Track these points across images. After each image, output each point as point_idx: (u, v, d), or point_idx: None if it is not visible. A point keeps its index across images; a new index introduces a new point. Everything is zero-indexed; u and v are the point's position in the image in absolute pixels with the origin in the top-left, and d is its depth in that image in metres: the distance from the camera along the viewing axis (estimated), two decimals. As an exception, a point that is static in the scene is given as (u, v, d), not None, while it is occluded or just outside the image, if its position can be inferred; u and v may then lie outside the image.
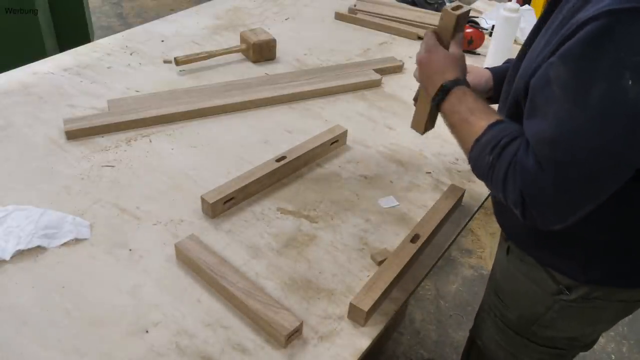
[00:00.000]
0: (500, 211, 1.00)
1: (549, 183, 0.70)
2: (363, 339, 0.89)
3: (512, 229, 0.99)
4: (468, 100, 0.86)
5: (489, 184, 0.81)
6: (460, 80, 0.89)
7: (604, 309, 0.95)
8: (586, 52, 0.65)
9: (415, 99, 1.09)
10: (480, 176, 0.83)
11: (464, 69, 0.93)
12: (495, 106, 0.94)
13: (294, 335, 0.87)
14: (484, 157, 0.79)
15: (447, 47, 0.95)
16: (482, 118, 0.82)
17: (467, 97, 0.86)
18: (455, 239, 1.13)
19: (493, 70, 1.14)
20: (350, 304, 0.90)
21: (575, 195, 0.71)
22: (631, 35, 0.62)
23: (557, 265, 0.92)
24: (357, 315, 0.90)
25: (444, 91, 0.89)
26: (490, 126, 0.80)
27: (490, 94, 1.13)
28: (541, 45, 0.78)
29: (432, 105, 0.93)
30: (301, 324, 0.87)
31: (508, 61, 1.17)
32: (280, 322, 0.86)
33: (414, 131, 1.08)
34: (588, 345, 1.07)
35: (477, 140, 0.80)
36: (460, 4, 0.97)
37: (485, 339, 1.16)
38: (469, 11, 0.96)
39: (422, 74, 0.95)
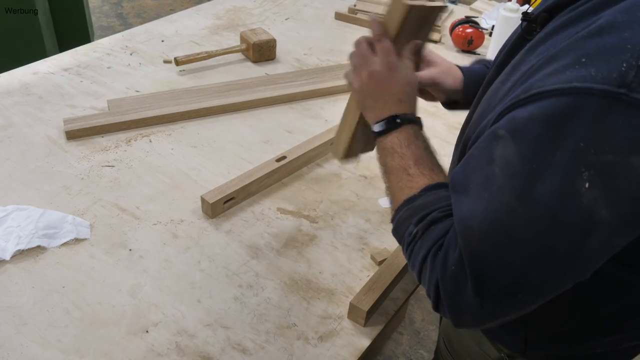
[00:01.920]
0: None
1: (471, 286, 0.57)
2: (363, 339, 0.89)
3: None
4: (418, 146, 0.72)
5: (405, 255, 0.68)
6: (416, 119, 0.75)
7: None
8: (542, 134, 0.51)
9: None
10: (399, 242, 0.70)
11: (416, 100, 0.79)
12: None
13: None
14: (408, 225, 0.66)
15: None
16: (424, 174, 0.69)
17: (418, 141, 0.72)
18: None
19: (465, 70, 0.98)
20: (350, 303, 0.90)
21: (498, 304, 0.58)
22: (600, 126, 0.48)
23: (497, 334, 0.83)
24: (357, 315, 0.90)
25: (393, 124, 0.74)
26: (428, 189, 0.67)
27: (458, 97, 0.97)
28: (501, 94, 0.63)
29: (367, 132, 0.78)
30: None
31: (480, 62, 1.02)
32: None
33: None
34: None
35: (409, 200, 0.67)
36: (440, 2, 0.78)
37: None
38: (436, 9, 0.75)
39: (370, 89, 0.78)
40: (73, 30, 2.68)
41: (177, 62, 1.58)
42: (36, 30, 2.39)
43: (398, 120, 0.74)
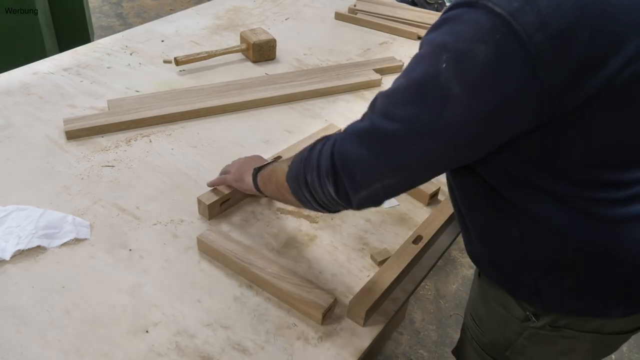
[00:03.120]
0: (468, 240, 0.93)
1: (360, 134, 0.72)
2: (363, 339, 0.89)
3: (474, 256, 0.92)
4: (273, 167, 0.94)
5: (310, 186, 0.80)
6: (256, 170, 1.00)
7: (575, 338, 0.87)
8: (429, 34, 0.68)
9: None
10: (303, 190, 0.82)
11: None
12: None
13: (329, 312, 0.90)
14: (298, 171, 0.81)
15: None
16: (282, 163, 0.89)
17: (267, 172, 0.96)
18: (455, 238, 1.13)
19: None
20: (350, 303, 0.90)
21: (379, 156, 0.71)
22: (459, 25, 0.64)
23: (518, 292, 0.86)
24: (356, 315, 0.90)
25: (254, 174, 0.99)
26: (292, 158, 0.86)
27: None
28: None
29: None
30: (335, 301, 0.90)
31: None
32: (315, 300, 0.89)
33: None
34: None
35: (289, 170, 0.85)
36: None
37: None
38: None
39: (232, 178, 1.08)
40: (73, 30, 2.68)
41: (177, 62, 1.58)
42: (36, 30, 2.39)
43: (256, 170, 1.00)
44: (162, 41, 1.78)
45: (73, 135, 1.28)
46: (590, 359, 0.93)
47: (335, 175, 0.74)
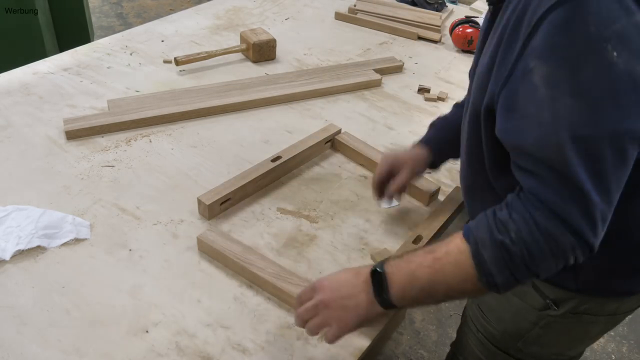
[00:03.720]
0: None
1: (567, 183, 0.63)
2: (363, 339, 0.89)
3: None
4: (410, 260, 0.72)
5: (528, 261, 0.66)
6: (379, 264, 0.75)
7: (592, 323, 0.90)
8: (559, 41, 0.61)
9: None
10: (512, 271, 0.67)
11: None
12: None
13: None
14: (493, 251, 0.67)
15: None
16: (441, 246, 0.71)
17: (404, 260, 0.73)
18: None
19: (427, 142, 1.07)
20: None
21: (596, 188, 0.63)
22: (597, 9, 0.59)
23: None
24: None
25: (381, 287, 0.73)
26: (465, 232, 0.70)
27: (434, 159, 1.07)
28: (486, 63, 0.74)
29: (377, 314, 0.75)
30: None
31: (438, 121, 1.11)
32: None
33: (414, 131, 1.07)
34: (574, 358, 1.02)
35: (475, 252, 0.68)
36: None
37: (468, 355, 1.10)
38: None
39: (334, 307, 0.75)
40: (73, 30, 2.68)
41: (177, 62, 1.58)
42: (36, 30, 2.39)
43: (378, 270, 0.73)
44: (162, 41, 1.78)
45: (73, 135, 1.28)
46: (594, 341, 0.98)
47: (566, 229, 0.65)
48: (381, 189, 1.07)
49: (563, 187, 0.63)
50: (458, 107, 1.08)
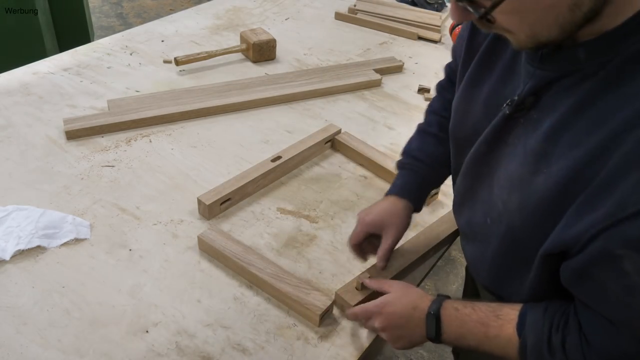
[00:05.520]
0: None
1: None
2: (363, 339, 0.89)
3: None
4: (464, 321, 0.75)
5: None
6: (436, 301, 0.78)
7: None
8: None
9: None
10: None
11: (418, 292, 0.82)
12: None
13: (327, 314, 0.90)
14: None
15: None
16: (496, 324, 0.72)
17: (459, 317, 0.75)
18: (455, 239, 1.12)
19: (403, 188, 0.98)
20: (336, 293, 0.92)
21: None
22: None
23: None
24: (346, 307, 0.91)
25: (434, 324, 0.77)
26: (519, 326, 0.70)
27: (417, 206, 0.99)
28: (546, 189, 0.65)
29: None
30: (332, 303, 0.90)
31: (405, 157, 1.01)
32: (313, 302, 0.89)
33: (414, 131, 1.06)
34: None
35: (522, 351, 0.69)
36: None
37: None
38: None
39: (389, 335, 0.83)
40: (73, 30, 2.68)
41: (177, 62, 1.58)
42: (36, 30, 2.39)
43: (432, 312, 0.77)
44: (162, 41, 1.78)
45: (73, 135, 1.28)
46: None
47: None
48: (359, 250, 0.98)
49: (634, 347, 0.62)
50: (433, 114, 1.01)
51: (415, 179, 0.98)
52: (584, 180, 0.60)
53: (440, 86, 1.05)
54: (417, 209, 0.99)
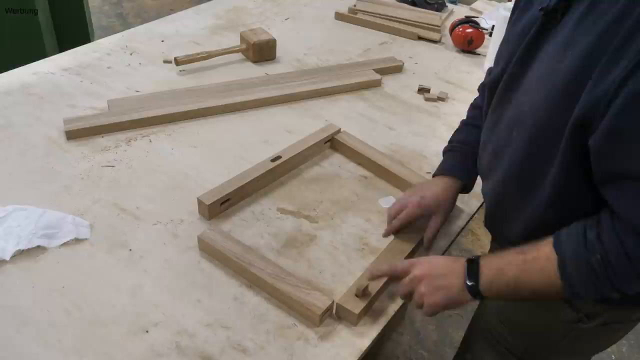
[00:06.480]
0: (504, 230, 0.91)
1: None
2: (363, 339, 0.89)
3: None
4: (502, 256, 0.77)
5: (615, 281, 0.68)
6: (475, 256, 0.81)
7: (618, 330, 0.92)
8: None
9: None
10: (596, 288, 0.70)
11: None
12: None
13: (327, 314, 0.90)
14: (579, 267, 0.70)
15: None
16: (532, 249, 0.74)
17: (496, 255, 0.78)
18: (455, 239, 1.13)
19: (451, 171, 1.04)
20: (337, 304, 0.91)
21: None
22: None
23: None
24: (348, 316, 0.90)
25: (474, 273, 0.78)
26: (555, 242, 0.72)
27: (467, 185, 1.05)
28: (575, 66, 0.68)
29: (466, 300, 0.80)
30: (332, 303, 0.90)
31: (452, 143, 1.08)
32: (313, 302, 0.89)
33: (414, 131, 1.06)
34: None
35: (561, 264, 0.71)
36: None
37: None
38: None
39: (422, 287, 0.83)
40: (73, 30, 2.68)
41: (177, 62, 1.58)
42: (36, 30, 2.39)
43: (474, 259, 0.80)
44: (162, 41, 1.78)
45: (73, 135, 1.28)
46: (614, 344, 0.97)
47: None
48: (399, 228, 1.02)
49: None
50: (477, 108, 1.07)
51: (462, 158, 1.04)
52: (606, 44, 0.65)
53: (482, 85, 1.10)
54: (468, 185, 1.04)
